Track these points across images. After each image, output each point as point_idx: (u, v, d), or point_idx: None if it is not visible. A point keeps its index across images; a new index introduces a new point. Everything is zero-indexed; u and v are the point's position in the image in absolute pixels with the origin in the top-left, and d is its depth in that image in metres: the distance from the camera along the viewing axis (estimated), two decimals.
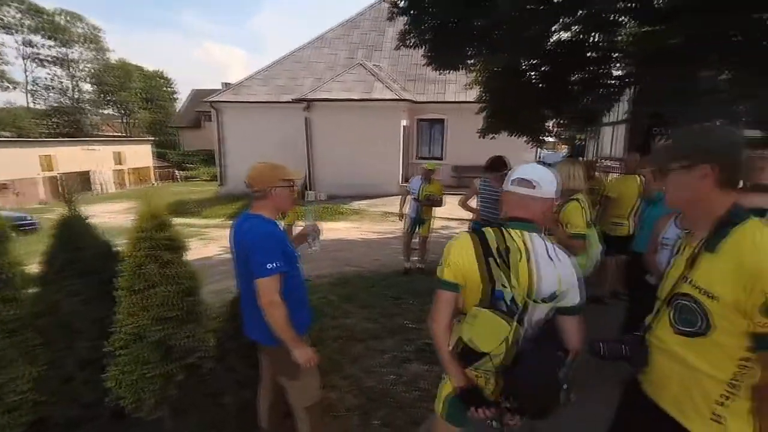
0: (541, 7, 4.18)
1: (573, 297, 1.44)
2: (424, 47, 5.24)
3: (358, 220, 11.26)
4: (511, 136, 6.71)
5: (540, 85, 5.66)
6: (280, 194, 1.94)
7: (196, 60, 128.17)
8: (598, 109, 5.28)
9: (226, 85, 20.83)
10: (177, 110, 37.24)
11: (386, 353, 3.52)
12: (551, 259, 1.41)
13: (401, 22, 5.20)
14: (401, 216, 5.98)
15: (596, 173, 5.24)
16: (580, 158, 9.33)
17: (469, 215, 4.67)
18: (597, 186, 4.35)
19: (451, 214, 7.96)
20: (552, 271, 1.40)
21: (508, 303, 1.37)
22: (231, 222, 2.11)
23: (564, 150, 28.66)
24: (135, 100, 37.63)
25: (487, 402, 1.43)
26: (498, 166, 3.95)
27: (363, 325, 4.05)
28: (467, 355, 1.40)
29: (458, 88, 13.95)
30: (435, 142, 15.74)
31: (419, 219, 5.52)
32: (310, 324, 2.19)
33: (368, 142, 13.47)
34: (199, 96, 29.60)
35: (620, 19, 4.57)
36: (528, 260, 1.39)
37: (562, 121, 6.15)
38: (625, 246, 3.61)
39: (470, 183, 4.55)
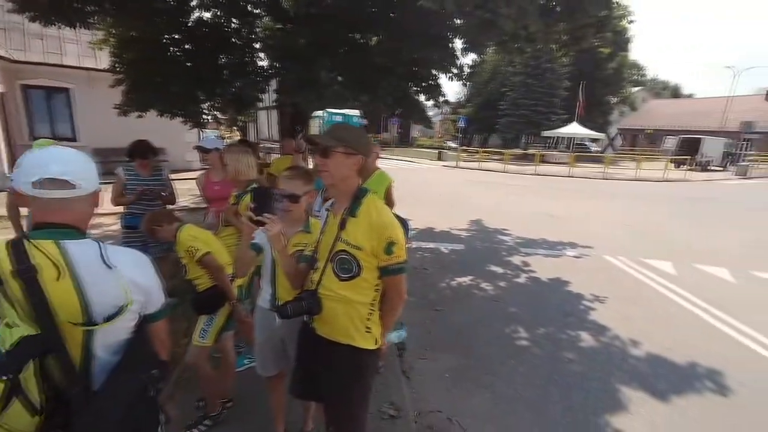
0: None
1: (154, 301, 1.23)
2: None
3: None
4: (163, 116, 6.06)
5: (188, 64, 5.36)
6: None
7: None
8: (250, 95, 5.61)
9: None
10: None
11: None
12: (108, 266, 1.11)
13: None
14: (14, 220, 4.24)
15: (261, 155, 5.57)
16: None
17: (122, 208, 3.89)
18: (263, 167, 4.66)
19: (103, 207, 6.45)
20: (111, 281, 1.11)
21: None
22: None
23: (228, 133, 28.92)
24: None
25: None
26: (141, 151, 3.48)
27: None
28: None
29: (83, 50, 11.11)
30: (60, 119, 12.05)
31: None
32: None
33: None
34: None
35: (256, 11, 4.96)
36: (70, 277, 1.06)
37: (216, 104, 6.13)
38: None
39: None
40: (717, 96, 37.47)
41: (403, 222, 2.52)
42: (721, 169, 24.87)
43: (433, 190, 13.38)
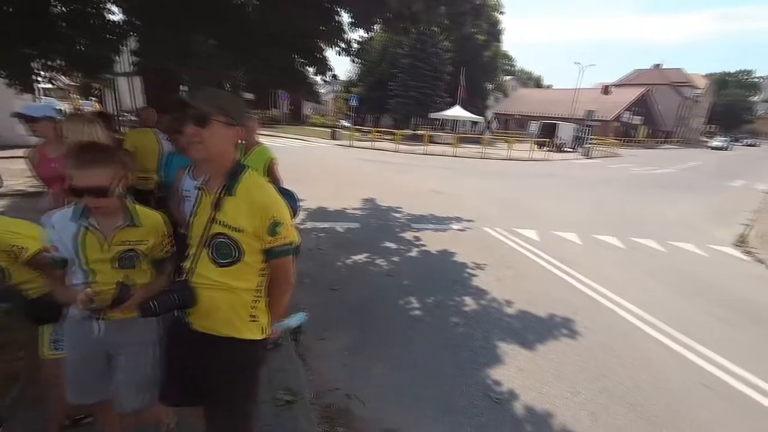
0: None
1: None
2: None
3: None
4: None
5: (6, 9, 4.20)
6: None
7: None
8: (97, 55, 4.64)
9: None
10: None
11: None
12: None
13: None
14: None
15: (120, 128, 4.70)
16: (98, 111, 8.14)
17: None
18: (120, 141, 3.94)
19: None
20: None
21: None
22: None
23: (80, 101, 24.26)
24: None
25: None
26: None
27: None
28: None
29: None
30: None
31: None
32: None
33: None
34: None
35: None
36: None
37: (53, 64, 4.94)
38: (155, 200, 3.58)
39: None
40: (568, 88, 43.88)
41: (289, 195, 2.35)
42: (572, 150, 29.42)
43: (327, 169, 13.19)
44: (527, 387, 3.01)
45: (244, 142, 2.58)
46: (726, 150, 45.12)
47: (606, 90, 47.12)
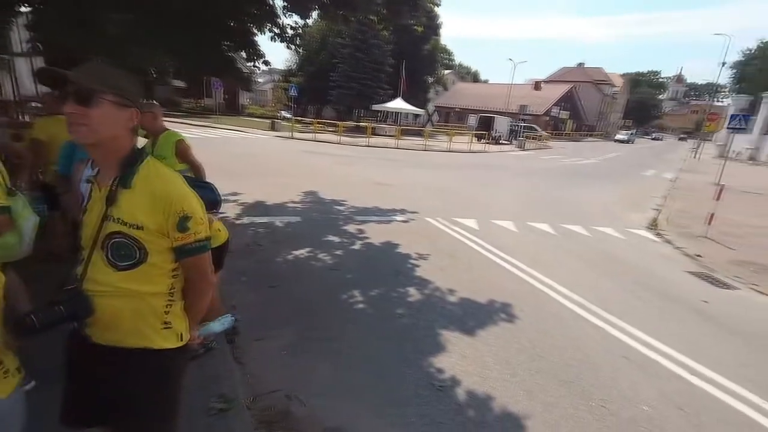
0: None
1: None
2: None
3: None
4: None
5: None
6: None
7: None
8: None
9: None
10: None
11: None
12: None
13: None
14: None
15: (19, 116, 4.09)
16: None
17: None
18: (24, 131, 3.40)
19: None
20: None
21: None
22: None
23: None
24: None
25: None
26: None
27: None
28: None
29: None
30: None
31: None
32: None
33: None
34: None
35: None
36: None
37: None
38: (53, 196, 3.15)
39: None
40: (503, 83, 46.02)
41: (208, 189, 2.14)
42: (508, 142, 30.96)
43: (266, 161, 12.66)
44: (469, 372, 3.08)
45: (142, 128, 2.31)
46: (630, 143, 49.23)
47: (537, 86, 50.16)
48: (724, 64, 38.05)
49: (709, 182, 15.02)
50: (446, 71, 50.95)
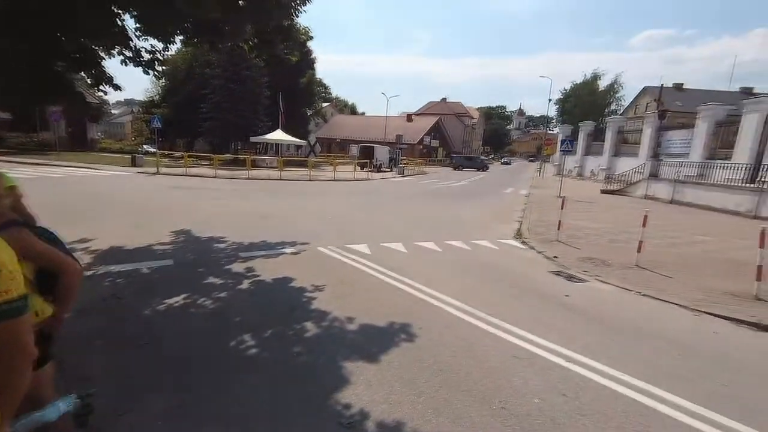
0: None
1: None
2: None
3: None
4: None
5: None
6: None
7: None
8: None
9: None
10: None
11: None
12: None
13: None
14: None
15: None
16: None
17: None
18: None
19: None
20: None
21: None
22: None
23: None
24: None
25: None
26: None
27: None
28: None
29: None
30: None
31: None
32: None
33: None
34: None
35: None
36: None
37: None
38: None
39: None
40: (380, 115, 49.02)
41: (47, 234, 1.70)
42: (389, 170, 32.69)
43: (125, 200, 10.98)
44: (376, 401, 2.93)
45: None
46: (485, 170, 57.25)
47: (409, 118, 54.82)
48: (550, 100, 47.08)
49: (553, 195, 18.01)
50: (325, 104, 52.22)
